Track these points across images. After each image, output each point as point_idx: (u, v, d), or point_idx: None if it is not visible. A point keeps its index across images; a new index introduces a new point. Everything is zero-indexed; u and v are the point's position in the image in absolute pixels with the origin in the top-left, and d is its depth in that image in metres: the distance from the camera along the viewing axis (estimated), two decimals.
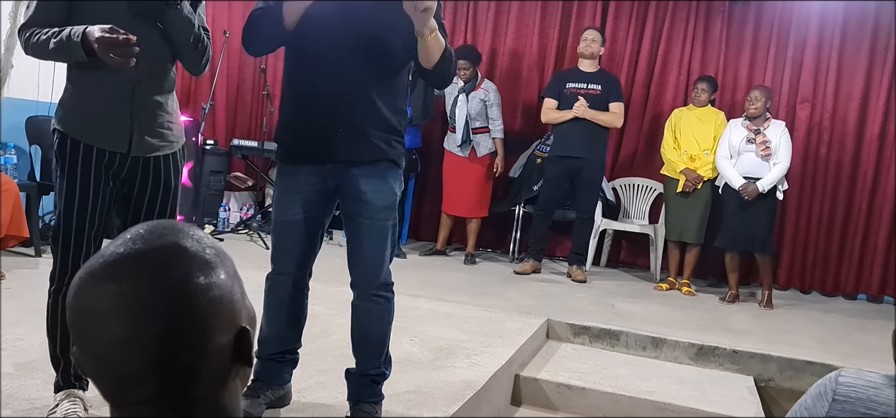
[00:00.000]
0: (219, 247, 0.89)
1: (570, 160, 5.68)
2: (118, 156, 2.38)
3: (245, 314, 0.89)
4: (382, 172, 2.48)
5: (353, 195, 2.47)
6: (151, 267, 0.82)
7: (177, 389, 0.83)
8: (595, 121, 5.62)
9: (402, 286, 2.68)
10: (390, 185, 2.49)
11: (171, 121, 2.50)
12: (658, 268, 6.17)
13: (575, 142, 5.63)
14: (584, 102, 5.59)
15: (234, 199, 6.83)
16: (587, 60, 5.73)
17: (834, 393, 1.38)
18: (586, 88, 5.66)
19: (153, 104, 2.43)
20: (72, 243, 2.35)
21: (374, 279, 2.50)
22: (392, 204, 2.50)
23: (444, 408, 2.79)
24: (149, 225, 0.87)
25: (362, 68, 2.42)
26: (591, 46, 5.70)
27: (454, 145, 6.05)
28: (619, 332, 4.27)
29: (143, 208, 2.46)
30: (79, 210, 2.35)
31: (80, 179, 2.34)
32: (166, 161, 2.48)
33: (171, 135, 2.50)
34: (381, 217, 2.47)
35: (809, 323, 5.10)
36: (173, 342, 0.81)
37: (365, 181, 2.45)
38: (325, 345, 3.30)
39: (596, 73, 5.72)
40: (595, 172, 5.77)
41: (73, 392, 2.40)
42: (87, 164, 2.35)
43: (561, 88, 5.75)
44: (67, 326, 0.87)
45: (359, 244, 2.49)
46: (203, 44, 2.48)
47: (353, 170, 2.45)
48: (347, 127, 2.43)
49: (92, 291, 0.83)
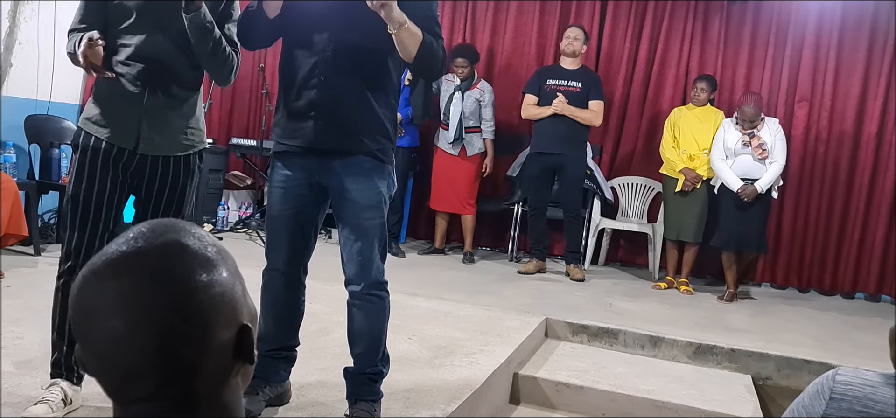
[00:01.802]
0: (220, 245, 0.90)
1: (549, 156, 5.68)
2: (127, 152, 2.49)
3: (246, 311, 0.90)
4: (366, 170, 2.47)
5: (338, 194, 2.49)
6: (153, 264, 0.83)
7: (178, 386, 0.83)
8: (574, 117, 5.62)
9: (400, 285, 2.69)
10: (375, 184, 2.48)
11: (187, 125, 2.58)
12: (656, 266, 6.18)
13: (554, 139, 5.64)
14: (562, 99, 5.60)
15: (232, 198, 6.83)
16: (569, 58, 5.74)
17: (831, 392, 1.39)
18: (566, 85, 5.67)
19: (165, 107, 2.51)
20: (77, 227, 2.46)
21: (367, 277, 2.50)
22: (377, 202, 2.49)
23: (442, 407, 2.79)
24: (151, 223, 0.88)
25: (344, 61, 2.44)
26: (573, 44, 5.70)
27: (445, 143, 6.06)
28: (618, 331, 4.28)
29: (150, 206, 2.54)
30: (85, 197, 2.45)
31: (89, 165, 2.47)
32: (177, 161, 2.56)
33: (185, 138, 2.58)
34: (367, 216, 2.47)
35: (807, 322, 5.11)
36: (174, 339, 0.82)
37: (349, 180, 2.46)
38: (323, 344, 3.30)
39: (577, 71, 5.73)
40: (577, 170, 5.75)
41: (58, 382, 2.46)
42: (95, 153, 2.48)
43: (541, 84, 5.76)
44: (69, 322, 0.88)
45: (348, 243, 2.51)
46: (224, 53, 2.54)
47: (337, 165, 2.46)
48: (327, 117, 2.44)
49: (94, 288, 0.83)
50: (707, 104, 5.77)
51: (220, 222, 6.38)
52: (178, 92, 2.53)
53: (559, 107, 5.59)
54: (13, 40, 5.04)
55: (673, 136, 5.77)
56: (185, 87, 2.55)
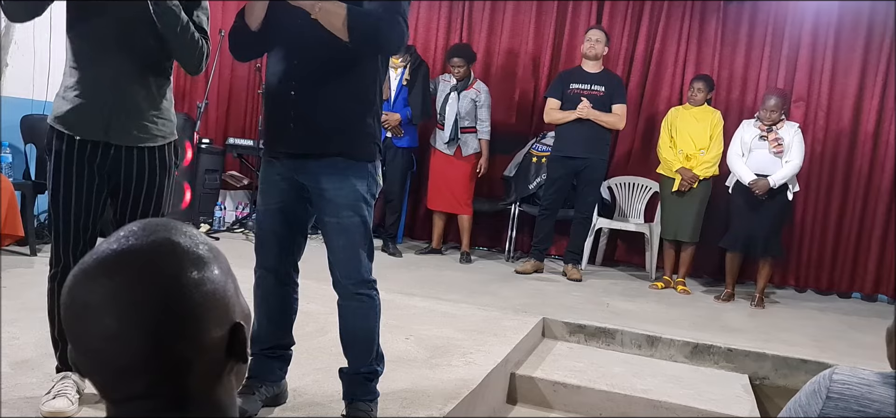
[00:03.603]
0: (212, 244, 0.90)
1: (573, 160, 5.68)
2: (100, 147, 2.46)
3: (239, 310, 0.90)
4: (342, 169, 2.46)
5: (317, 194, 2.49)
6: (143, 261, 0.83)
7: (170, 383, 0.83)
8: (598, 122, 5.62)
9: (397, 284, 2.69)
10: (351, 182, 2.46)
11: (158, 116, 2.55)
12: (653, 266, 6.18)
13: (578, 143, 5.64)
14: (587, 103, 5.60)
15: (229, 198, 6.83)
16: (591, 61, 5.73)
17: (828, 391, 1.38)
18: (590, 89, 5.67)
19: (135, 95, 2.48)
20: (61, 233, 2.48)
21: (354, 277, 2.50)
22: (354, 200, 2.47)
23: (439, 407, 2.79)
24: (142, 222, 0.89)
25: (313, 62, 2.45)
26: (595, 47, 5.69)
27: (441, 143, 6.06)
28: (615, 331, 4.28)
29: (129, 200, 2.54)
30: (64, 200, 2.46)
31: (64, 171, 2.46)
32: (152, 153, 2.54)
33: (156, 128, 2.55)
34: (346, 215, 2.46)
35: (804, 322, 5.12)
36: (165, 336, 0.82)
37: (325, 179, 2.46)
38: (320, 344, 3.30)
39: (600, 74, 5.73)
40: (597, 173, 5.78)
41: (69, 374, 2.47)
42: (69, 156, 2.46)
43: (564, 89, 5.75)
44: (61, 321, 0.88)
45: (331, 244, 2.51)
46: (193, 39, 2.50)
47: (312, 165, 2.46)
48: (299, 121, 2.45)
49: (85, 287, 0.83)
50: (704, 104, 5.77)
51: (216, 222, 6.38)
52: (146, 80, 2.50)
53: (584, 112, 5.59)
54: (9, 40, 5.03)
55: (670, 136, 5.77)
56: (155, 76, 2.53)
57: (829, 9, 6.11)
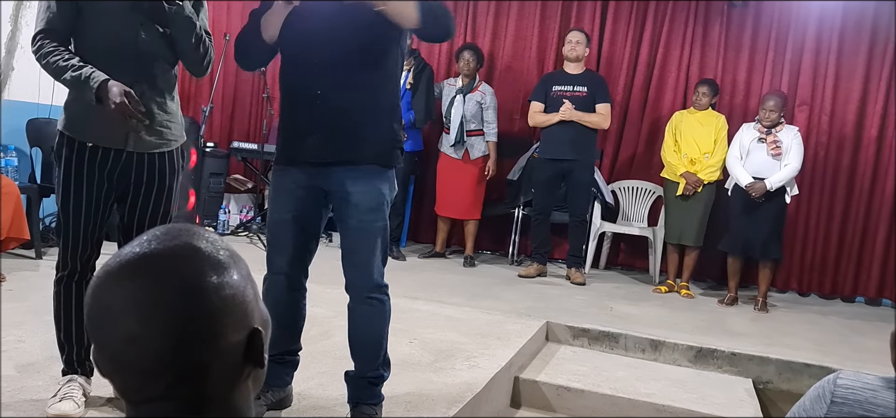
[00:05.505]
0: (233, 249, 0.92)
1: (559, 162, 5.69)
2: (112, 153, 2.47)
3: (258, 316, 0.91)
4: (368, 173, 2.47)
5: (341, 197, 2.49)
6: (165, 265, 0.85)
7: (188, 386, 0.84)
8: (582, 122, 5.63)
9: (401, 288, 2.69)
10: (377, 187, 2.48)
11: (170, 121, 2.57)
12: (657, 270, 6.18)
13: (564, 145, 5.65)
14: (570, 105, 5.61)
15: (233, 201, 6.84)
16: (572, 63, 5.74)
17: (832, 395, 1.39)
18: (572, 90, 5.68)
19: (152, 103, 2.49)
20: (70, 238, 2.48)
21: (367, 281, 2.50)
22: (379, 205, 2.49)
23: (443, 410, 2.80)
24: (165, 227, 0.90)
25: (341, 68, 2.44)
26: (575, 48, 5.72)
27: (448, 146, 6.06)
28: (618, 334, 4.28)
29: (138, 203, 2.54)
30: (75, 207, 2.47)
31: (75, 178, 2.46)
32: (162, 158, 2.56)
33: (169, 133, 2.57)
34: (369, 219, 2.47)
35: (807, 326, 5.11)
36: (184, 339, 0.83)
37: (351, 182, 2.46)
38: (325, 347, 3.30)
39: (581, 75, 5.74)
40: (586, 174, 5.78)
41: (74, 377, 2.49)
42: (80, 162, 2.46)
43: (547, 91, 5.77)
44: (83, 324, 0.90)
45: (349, 246, 2.51)
46: (205, 45, 2.54)
47: (338, 171, 2.46)
48: (327, 129, 2.45)
49: (109, 290, 0.85)
50: (708, 108, 5.77)
51: (221, 226, 6.39)
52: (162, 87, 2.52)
53: (567, 114, 5.60)
54: (15, 44, 5.05)
55: (674, 140, 5.77)
56: (168, 83, 2.55)
57: (832, 13, 6.11)
